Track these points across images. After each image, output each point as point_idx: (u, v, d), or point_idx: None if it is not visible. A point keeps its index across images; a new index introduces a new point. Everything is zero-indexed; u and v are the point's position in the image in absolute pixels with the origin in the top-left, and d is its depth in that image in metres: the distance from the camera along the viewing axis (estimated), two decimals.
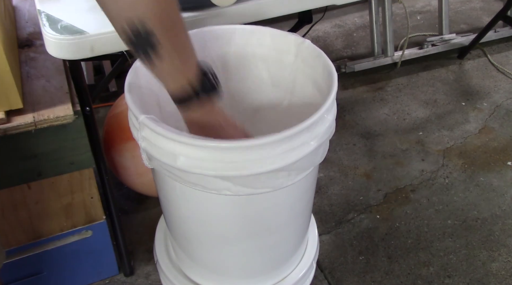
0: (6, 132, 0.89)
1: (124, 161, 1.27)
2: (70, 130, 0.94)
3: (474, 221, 1.44)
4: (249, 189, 0.71)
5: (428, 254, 1.34)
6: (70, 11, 0.91)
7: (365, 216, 1.45)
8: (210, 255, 0.96)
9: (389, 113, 1.86)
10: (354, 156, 1.66)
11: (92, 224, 1.12)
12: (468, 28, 2.33)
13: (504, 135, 1.74)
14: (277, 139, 0.67)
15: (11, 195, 1.02)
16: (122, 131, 1.26)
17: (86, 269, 1.22)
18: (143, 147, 0.74)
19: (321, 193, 1.52)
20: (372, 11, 1.97)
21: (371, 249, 1.36)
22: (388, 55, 2.03)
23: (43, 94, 0.96)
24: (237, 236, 0.89)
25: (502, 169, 1.61)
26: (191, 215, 0.87)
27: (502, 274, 1.29)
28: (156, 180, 0.89)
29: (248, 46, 0.93)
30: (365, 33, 2.31)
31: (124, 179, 1.33)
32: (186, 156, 0.69)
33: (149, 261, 1.31)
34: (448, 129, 1.77)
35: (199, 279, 1.02)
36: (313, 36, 2.28)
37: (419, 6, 2.53)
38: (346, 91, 1.96)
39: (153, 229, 1.15)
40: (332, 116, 0.77)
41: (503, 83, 2.00)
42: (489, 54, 2.16)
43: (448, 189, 1.54)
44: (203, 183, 0.72)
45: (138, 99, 0.75)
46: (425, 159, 1.65)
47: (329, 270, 1.30)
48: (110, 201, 1.13)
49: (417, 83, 2.01)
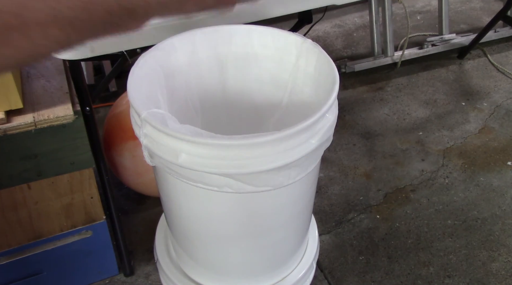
0: (6, 132, 0.89)
1: (124, 161, 1.27)
2: (70, 130, 0.94)
3: (474, 221, 1.44)
4: (250, 186, 0.71)
5: (428, 254, 1.34)
6: None
7: (365, 216, 1.45)
8: (210, 254, 0.96)
9: (389, 113, 1.86)
10: (354, 156, 1.66)
11: (92, 224, 1.12)
12: (468, 28, 2.33)
13: (504, 135, 1.74)
14: (278, 138, 0.68)
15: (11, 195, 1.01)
16: (122, 131, 1.26)
17: (86, 269, 1.22)
18: (145, 144, 0.74)
19: (321, 193, 1.52)
20: (372, 11, 1.97)
21: (371, 249, 1.36)
22: (388, 55, 2.03)
23: (43, 94, 0.96)
24: (238, 234, 0.89)
25: (502, 169, 1.61)
26: (192, 213, 0.87)
27: (502, 274, 1.29)
28: (157, 178, 0.89)
29: (248, 46, 0.93)
30: (365, 33, 2.31)
31: (124, 179, 1.33)
32: (187, 153, 0.69)
33: (149, 261, 1.31)
34: (448, 129, 1.78)
35: (199, 278, 1.02)
36: (313, 36, 2.28)
37: (419, 6, 2.53)
38: (346, 91, 1.96)
39: (153, 229, 1.15)
40: (333, 116, 0.77)
41: (503, 83, 2.00)
42: (489, 54, 2.16)
43: (448, 189, 1.54)
44: (204, 180, 0.72)
45: (140, 96, 0.75)
46: (425, 159, 1.65)
47: (329, 270, 1.30)
48: (110, 201, 1.13)
49: (417, 83, 2.01)
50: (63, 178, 1.03)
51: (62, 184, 1.04)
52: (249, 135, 0.67)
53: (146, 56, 0.81)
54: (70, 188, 1.07)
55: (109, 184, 1.11)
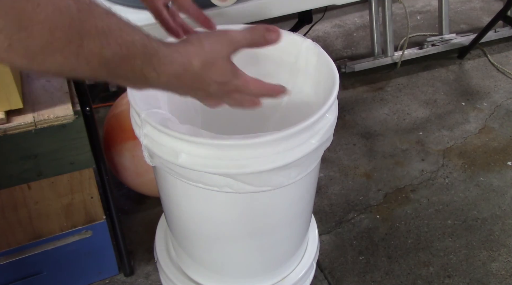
0: (6, 132, 0.89)
1: (124, 161, 1.27)
2: (70, 130, 0.94)
3: (474, 221, 1.44)
4: (250, 186, 0.71)
5: (428, 254, 1.34)
6: None
7: (365, 216, 1.45)
8: (210, 254, 0.96)
9: (389, 113, 1.86)
10: (354, 156, 1.66)
11: (92, 224, 1.12)
12: (468, 28, 2.33)
13: (504, 135, 1.74)
14: (278, 138, 0.68)
15: (11, 195, 1.01)
16: (122, 131, 1.26)
17: (86, 269, 1.22)
18: (145, 144, 0.74)
19: (321, 193, 1.52)
20: (372, 11, 1.97)
21: (371, 249, 1.36)
22: (388, 55, 2.03)
23: (43, 94, 0.96)
24: (238, 234, 0.89)
25: (502, 169, 1.61)
26: (192, 213, 0.87)
27: (502, 274, 1.29)
28: (157, 178, 0.89)
29: None
30: (365, 33, 2.31)
31: (124, 179, 1.33)
32: (187, 153, 0.69)
33: (149, 261, 1.31)
34: (448, 129, 1.78)
35: (199, 278, 1.02)
36: (313, 36, 2.27)
37: (419, 6, 2.53)
38: (346, 91, 1.96)
39: (153, 229, 1.15)
40: (333, 116, 0.77)
41: (503, 83, 2.00)
42: (489, 54, 2.16)
43: (448, 189, 1.54)
44: (204, 180, 0.72)
45: (140, 96, 0.76)
46: (425, 159, 1.65)
47: (329, 270, 1.30)
48: (110, 201, 1.13)
49: (417, 83, 2.01)
50: (63, 178, 1.03)
51: (62, 184, 1.04)
52: (249, 135, 0.67)
53: None
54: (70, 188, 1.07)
55: (109, 184, 1.11)
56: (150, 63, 0.50)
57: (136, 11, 0.90)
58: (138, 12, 0.89)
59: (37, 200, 1.04)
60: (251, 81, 0.60)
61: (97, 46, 0.44)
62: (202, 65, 0.54)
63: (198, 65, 0.54)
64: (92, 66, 0.45)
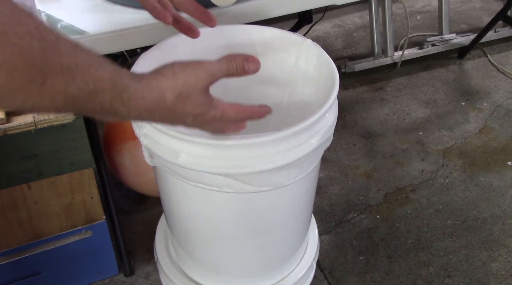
0: (6, 132, 0.89)
1: (124, 161, 1.27)
2: (70, 130, 0.94)
3: (474, 221, 1.44)
4: (250, 186, 0.71)
5: (428, 254, 1.34)
6: (70, 11, 0.91)
7: (365, 216, 1.45)
8: (210, 254, 0.96)
9: (389, 113, 1.86)
10: (354, 156, 1.66)
11: (92, 224, 1.12)
12: (468, 28, 2.33)
13: (504, 135, 1.74)
14: (279, 137, 0.68)
15: (11, 195, 1.01)
16: (122, 131, 1.26)
17: (86, 269, 1.22)
18: (145, 144, 0.74)
19: (321, 193, 1.52)
20: (372, 11, 1.97)
21: (371, 249, 1.36)
22: (388, 55, 2.03)
23: None
24: (238, 234, 0.89)
25: (502, 169, 1.61)
26: (192, 213, 0.87)
27: (502, 274, 1.29)
28: (157, 178, 0.89)
29: (248, 45, 0.93)
30: (365, 33, 2.31)
31: (124, 179, 1.33)
32: (187, 153, 0.69)
33: (149, 261, 1.31)
34: (448, 129, 1.78)
35: (199, 278, 1.02)
36: (313, 36, 2.27)
37: (419, 6, 2.53)
38: (346, 91, 1.96)
39: (153, 229, 1.15)
40: (333, 116, 0.77)
41: (503, 83, 2.00)
42: (489, 54, 2.16)
43: (448, 189, 1.54)
44: (204, 180, 0.72)
45: None
46: (425, 159, 1.65)
47: (329, 270, 1.30)
48: (110, 201, 1.13)
49: (417, 83, 2.01)
50: (63, 178, 1.03)
51: (62, 184, 1.04)
52: (249, 135, 0.67)
53: (146, 56, 0.81)
54: (70, 188, 1.07)
55: (109, 184, 1.11)
56: (119, 99, 0.49)
57: (136, 11, 0.90)
58: (138, 12, 0.89)
59: (37, 200, 1.04)
60: (229, 109, 0.59)
61: (62, 84, 0.44)
62: (176, 99, 0.54)
63: (171, 99, 0.53)
64: (58, 103, 0.45)
